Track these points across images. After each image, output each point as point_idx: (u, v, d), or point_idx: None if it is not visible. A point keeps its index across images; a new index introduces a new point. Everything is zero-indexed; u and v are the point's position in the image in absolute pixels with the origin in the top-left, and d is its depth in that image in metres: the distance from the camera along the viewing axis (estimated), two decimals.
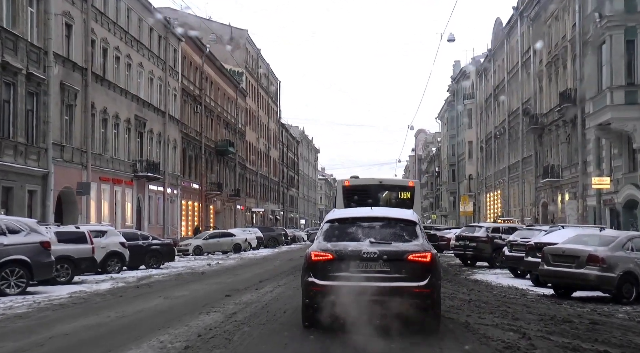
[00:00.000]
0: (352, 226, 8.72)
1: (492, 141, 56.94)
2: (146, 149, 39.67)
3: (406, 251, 8.21)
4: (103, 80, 33.67)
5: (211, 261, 27.87)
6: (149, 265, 22.47)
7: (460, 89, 74.75)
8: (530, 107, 43.01)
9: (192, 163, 49.67)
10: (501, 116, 54.06)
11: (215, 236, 36.89)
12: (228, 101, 61.25)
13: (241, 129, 65.79)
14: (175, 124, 45.48)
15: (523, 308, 11.16)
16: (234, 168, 62.16)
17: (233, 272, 20.43)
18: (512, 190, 49.56)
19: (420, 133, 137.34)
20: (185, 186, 47.49)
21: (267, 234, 46.45)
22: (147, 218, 39.76)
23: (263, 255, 34.14)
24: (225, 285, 15.67)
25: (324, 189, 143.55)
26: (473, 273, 19.88)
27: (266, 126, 79.01)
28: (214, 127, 56.00)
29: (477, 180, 65.86)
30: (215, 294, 13.44)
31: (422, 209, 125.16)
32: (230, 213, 60.77)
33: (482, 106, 61.99)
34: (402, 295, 8.08)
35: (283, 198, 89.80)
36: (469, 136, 68.27)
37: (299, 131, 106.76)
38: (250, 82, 70.15)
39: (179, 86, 46.27)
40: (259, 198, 72.69)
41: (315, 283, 8.24)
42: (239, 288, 14.64)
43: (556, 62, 37.58)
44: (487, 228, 23.20)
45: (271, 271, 20.55)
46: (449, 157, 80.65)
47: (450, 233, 36.42)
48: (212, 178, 54.35)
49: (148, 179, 39.30)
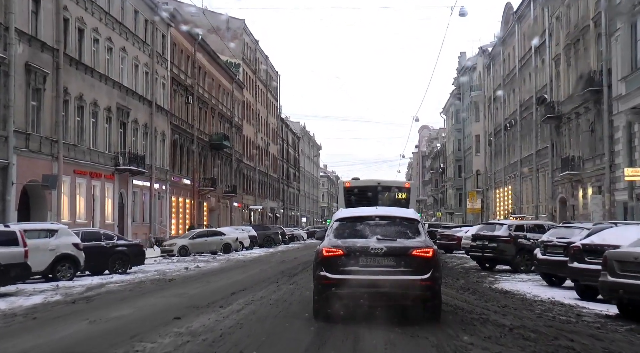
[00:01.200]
0: (360, 224, 9.22)
1: (501, 134, 53.21)
2: (130, 141, 36.10)
3: (410, 247, 8.72)
4: (79, 63, 30.12)
5: (193, 263, 24.30)
6: (113, 269, 18.89)
7: (466, 81, 71.02)
8: (546, 96, 39.29)
9: (183, 157, 46.09)
10: (511, 107, 50.36)
11: (203, 235, 33.30)
12: (223, 93, 57.65)
13: (238, 123, 62.19)
14: (164, 115, 41.90)
15: (595, 344, 7.53)
16: (230, 163, 58.56)
17: (207, 279, 16.83)
18: (525, 185, 45.86)
19: (424, 129, 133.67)
20: (176, 182, 43.92)
21: (262, 233, 42.85)
22: (130, 215, 36.20)
23: (254, 256, 30.55)
24: (186, 299, 12.10)
25: (326, 186, 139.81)
26: (497, 280, 16.22)
27: (265, 121, 75.38)
28: (208, 120, 52.41)
29: (485, 176, 62.13)
30: (162, 315, 9.85)
31: (427, 207, 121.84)
32: (226, 211, 57.19)
33: (490, 97, 58.24)
34: (406, 287, 8.57)
35: (283, 195, 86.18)
36: (476, 129, 64.54)
37: (300, 127, 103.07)
38: (247, 74, 66.54)
39: (168, 75, 42.69)
40: (257, 195, 69.10)
41: (327, 277, 8.69)
42: (200, 304, 11.06)
43: (576, 44, 33.88)
44: (510, 225, 19.53)
45: (253, 277, 16.98)
46: (455, 152, 76.92)
47: (461, 232, 32.77)
48: (206, 173, 50.78)
49: (132, 174, 35.74)
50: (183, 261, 26.35)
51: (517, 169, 47.16)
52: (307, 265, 21.69)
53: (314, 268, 9.16)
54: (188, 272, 19.67)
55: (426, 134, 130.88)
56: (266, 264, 23.63)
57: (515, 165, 48.30)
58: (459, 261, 24.72)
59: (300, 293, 12.66)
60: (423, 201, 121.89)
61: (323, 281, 8.73)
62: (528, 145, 44.99)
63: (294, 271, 18.95)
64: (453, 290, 13.58)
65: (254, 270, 20.31)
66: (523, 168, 46.04)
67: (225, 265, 23.72)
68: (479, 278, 17.01)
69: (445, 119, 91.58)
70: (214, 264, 23.98)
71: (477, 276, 17.50)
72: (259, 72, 72.00)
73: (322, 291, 8.84)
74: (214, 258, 28.54)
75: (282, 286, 14.26)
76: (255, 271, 19.79)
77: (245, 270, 20.27)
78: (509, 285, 15.00)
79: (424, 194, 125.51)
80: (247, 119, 66.17)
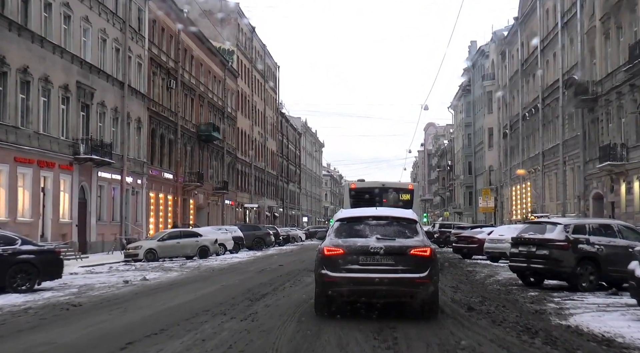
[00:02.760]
0: (360, 224, 9.35)
1: (518, 125, 47.46)
2: (95, 126, 30.57)
3: (409, 246, 8.85)
4: (22, 29, 24.61)
5: (146, 273, 18.73)
6: (13, 285, 13.28)
7: (477, 71, 65.35)
8: (576, 77, 33.56)
9: (164, 148, 40.52)
10: (531, 94, 44.63)
11: (175, 237, 27.67)
12: (214, 81, 52.07)
13: (231, 114, 56.60)
14: (140, 100, 36.34)
15: None
16: (221, 158, 52.98)
17: (130, 305, 11.18)
18: (549, 180, 40.13)
19: (430, 127, 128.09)
20: (155, 176, 38.37)
21: (251, 233, 37.19)
22: (94, 212, 30.67)
23: (233, 263, 24.95)
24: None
25: (329, 185, 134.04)
26: (562, 309, 10.49)
27: (262, 114, 69.76)
28: (196, 109, 46.84)
29: (499, 172, 56.40)
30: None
31: (433, 207, 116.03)
32: (216, 209, 51.62)
33: (506, 86, 52.49)
34: (405, 285, 8.73)
35: (282, 194, 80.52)
36: (488, 122, 58.79)
37: (301, 123, 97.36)
38: (242, 62, 60.96)
39: (146, 54, 37.12)
40: (253, 192, 63.49)
41: (328, 275, 8.80)
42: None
43: (616, 12, 28.21)
44: (566, 226, 13.84)
45: (201, 301, 11.36)
46: (464, 148, 71.15)
47: (482, 233, 27.13)
48: (193, 167, 45.23)
49: (96, 164, 30.24)
50: (141, 269, 20.81)
51: (539, 163, 41.44)
52: (290, 277, 16.13)
53: (315, 267, 9.21)
54: (122, 289, 14.06)
55: (432, 131, 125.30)
56: (238, 275, 18.03)
57: (535, 159, 42.58)
58: (486, 271, 19.07)
59: (250, 342, 7.14)
60: (429, 201, 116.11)
61: (324, 279, 8.83)
62: (552, 135, 39.28)
63: (266, 289, 13.35)
64: (506, 332, 8.02)
65: (214, 285, 14.68)
66: (546, 161, 40.32)
67: (186, 275, 18.12)
68: (533, 303, 11.32)
69: (453, 115, 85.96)
70: (172, 274, 18.36)
71: (528, 300, 11.79)
72: (256, 61, 66.41)
73: (323, 289, 8.95)
74: (182, 265, 22.94)
75: (227, 323, 8.72)
76: (215, 288, 14.16)
77: (204, 286, 14.67)
78: (591, 319, 9.31)
79: (430, 193, 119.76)
80: (242, 111, 60.58)
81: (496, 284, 15.08)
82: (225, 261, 26.03)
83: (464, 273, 18.23)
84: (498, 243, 24.18)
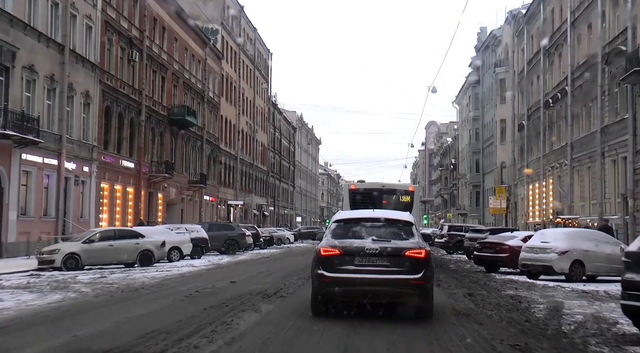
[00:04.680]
0: (357, 225, 9.25)
1: (539, 113, 40.40)
2: (18, 96, 23.52)
3: (404, 248, 8.80)
4: None
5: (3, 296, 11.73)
6: None
7: (488, 58, 58.38)
8: (623, 47, 26.53)
9: (124, 130, 33.47)
10: (556, 77, 37.60)
11: (108, 238, 20.61)
12: (193, 60, 45.06)
13: (213, 99, 49.58)
14: (89, 70, 29.30)
15: None
16: (200, 148, 45.98)
17: None
18: (579, 177, 33.11)
19: (432, 125, 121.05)
20: (109, 163, 31.37)
21: (221, 234, 30.06)
22: (15, 205, 23.60)
23: (176, 274, 17.89)
24: None
25: (326, 185, 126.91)
26: None
27: (252, 103, 62.72)
28: (168, 89, 39.84)
29: (512, 169, 49.40)
30: None
31: (433, 208, 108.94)
32: (192, 206, 44.59)
33: (523, 71, 45.47)
34: (400, 285, 8.69)
35: (274, 191, 73.44)
36: (500, 113, 51.76)
37: (296, 117, 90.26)
38: (228, 44, 53.94)
39: (98, 16, 30.07)
40: (238, 188, 56.43)
41: (324, 275, 8.77)
42: None
43: None
44: None
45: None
46: (472, 144, 64.09)
47: (514, 239, 20.12)
48: (163, 155, 38.25)
49: (18, 143, 23.27)
50: (21, 289, 13.79)
51: (566, 156, 34.41)
52: (224, 313, 9.23)
53: (312, 267, 9.17)
54: None
55: (434, 130, 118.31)
56: (146, 304, 10.99)
57: (561, 152, 35.57)
58: (540, 298, 12.03)
59: None
60: (430, 202, 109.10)
61: (320, 279, 8.83)
62: (585, 123, 32.26)
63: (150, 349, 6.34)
64: None
65: (60, 338, 7.65)
66: (576, 153, 33.31)
67: (58, 304, 11.08)
68: None
69: (458, 110, 78.99)
70: (38, 302, 11.28)
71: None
72: (245, 45, 59.40)
73: (319, 289, 8.95)
74: (97, 279, 15.90)
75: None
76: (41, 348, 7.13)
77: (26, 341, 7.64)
78: None
79: (431, 194, 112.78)
80: (226, 97, 53.56)
81: (595, 329, 8.03)
82: (171, 271, 19.02)
83: (508, 305, 11.17)
84: (541, 253, 17.34)
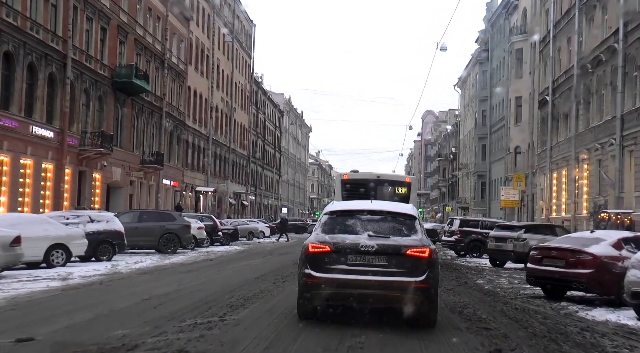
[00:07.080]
0: (351, 218, 8.05)
1: (571, 82, 32.08)
2: None
3: (404, 246, 7.61)
4: None
5: None
6: None
7: (499, 30, 50.06)
8: None
9: (37, 88, 24.90)
10: (599, 34, 29.29)
11: None
12: (149, 13, 36.54)
13: (177, 66, 41.13)
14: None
15: None
16: (158, 122, 37.52)
17: None
18: (634, 158, 24.85)
19: (429, 115, 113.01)
20: (10, 128, 22.93)
21: (156, 226, 21.63)
22: None
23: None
24: None
25: (316, 175, 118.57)
26: None
27: (229, 78, 54.22)
28: (111, 46, 31.33)
29: (530, 154, 41.21)
30: None
31: (429, 201, 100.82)
32: (146, 190, 36.19)
33: (547, 36, 37.16)
34: (399, 289, 7.48)
35: (255, 179, 65.09)
36: (516, 89, 43.49)
37: (284, 100, 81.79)
38: (200, 4, 45.44)
39: None
40: (209, 173, 48.02)
41: (311, 275, 7.59)
42: None
43: None
44: None
45: None
46: (478, 128, 55.80)
47: (601, 245, 11.74)
48: (102, 125, 29.84)
49: None
50: None
51: (613, 133, 26.17)
52: None
53: (299, 266, 8.00)
54: None
55: (431, 120, 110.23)
56: None
57: (605, 128, 27.34)
58: None
59: None
60: (425, 195, 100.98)
61: (308, 280, 7.61)
62: (638, 92, 24.02)
63: None
64: None
65: None
66: (627, 129, 25.06)
67: None
68: None
69: (460, 94, 70.78)
70: None
71: None
72: (222, 9, 50.88)
73: (306, 291, 7.74)
74: None
75: None
76: None
77: None
78: None
79: (427, 187, 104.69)
80: (195, 66, 45.08)
81: None
82: (17, 289, 10.70)
83: None
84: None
